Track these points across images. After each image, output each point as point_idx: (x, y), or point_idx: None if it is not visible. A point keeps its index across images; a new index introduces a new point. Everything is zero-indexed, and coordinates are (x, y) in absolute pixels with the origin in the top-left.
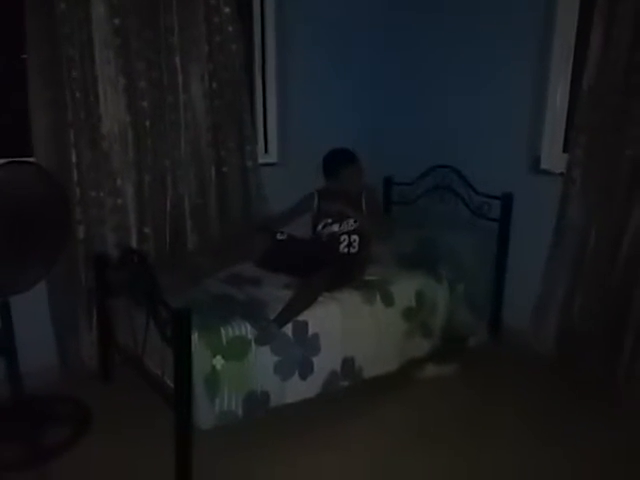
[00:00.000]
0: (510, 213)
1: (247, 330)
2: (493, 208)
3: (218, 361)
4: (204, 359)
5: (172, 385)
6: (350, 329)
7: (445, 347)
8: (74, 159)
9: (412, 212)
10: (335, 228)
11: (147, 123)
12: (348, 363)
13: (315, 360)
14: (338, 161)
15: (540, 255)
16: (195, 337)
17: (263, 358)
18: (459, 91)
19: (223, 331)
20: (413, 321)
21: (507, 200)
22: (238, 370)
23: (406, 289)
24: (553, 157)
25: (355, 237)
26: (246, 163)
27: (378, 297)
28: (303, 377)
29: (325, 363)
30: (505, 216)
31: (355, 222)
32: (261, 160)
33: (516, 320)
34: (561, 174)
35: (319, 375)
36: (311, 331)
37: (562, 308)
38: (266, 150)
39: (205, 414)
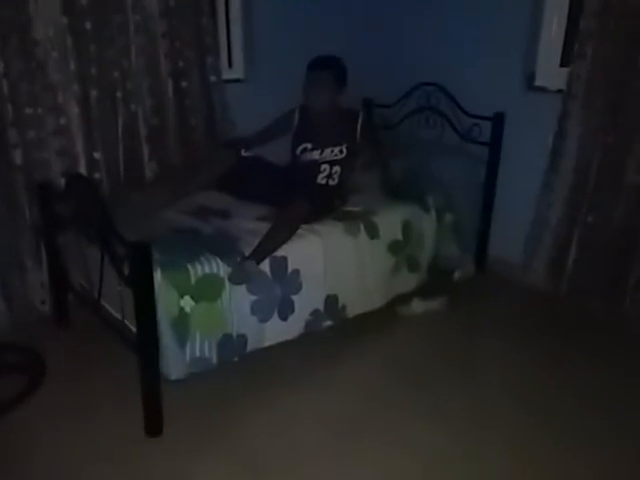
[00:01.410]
0: (502, 136)
1: (219, 267)
2: (483, 131)
3: (187, 302)
4: (170, 301)
5: (135, 330)
6: (333, 264)
7: (431, 281)
8: (1, 69)
9: (394, 137)
10: (315, 155)
11: (88, 26)
12: (331, 301)
13: (296, 299)
14: (327, 64)
15: (533, 181)
16: (158, 276)
17: (238, 298)
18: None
19: (191, 269)
20: (400, 254)
21: (499, 121)
22: (210, 312)
23: (392, 220)
24: (550, 72)
25: (337, 168)
26: (208, 77)
27: (362, 229)
28: (283, 317)
29: (307, 302)
30: (496, 139)
31: (341, 152)
32: (225, 76)
33: (503, 251)
34: (559, 91)
35: (300, 315)
36: (291, 267)
37: (557, 238)
38: (230, 64)
39: (174, 362)
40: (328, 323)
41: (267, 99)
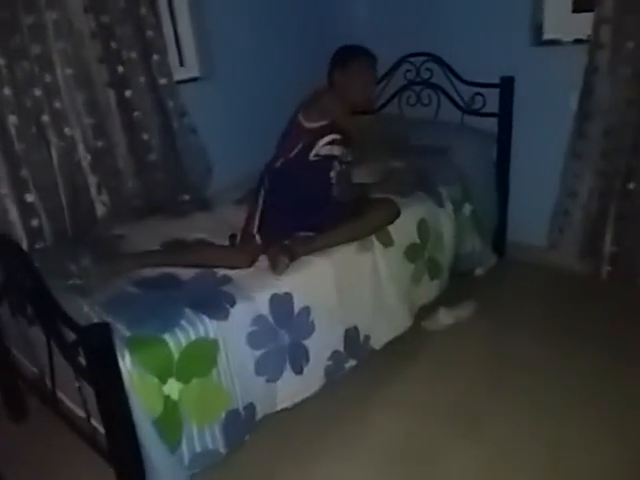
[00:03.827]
0: (512, 103)
1: (207, 327)
2: (488, 100)
3: (172, 387)
4: (149, 392)
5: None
6: (347, 289)
7: (453, 284)
8: None
9: (382, 120)
10: (336, 151)
11: None
12: (351, 335)
13: (309, 344)
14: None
15: (553, 151)
16: (127, 361)
17: (238, 358)
18: None
19: (170, 340)
20: (418, 260)
21: (507, 86)
22: (206, 390)
23: (405, 221)
24: (561, 21)
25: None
26: (157, 80)
27: (374, 238)
28: (297, 370)
29: (323, 344)
30: (506, 108)
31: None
32: (177, 76)
33: (523, 234)
34: (577, 41)
35: (318, 362)
36: (298, 306)
37: (589, 212)
38: (181, 62)
39: (167, 473)
40: (352, 364)
41: (231, 97)
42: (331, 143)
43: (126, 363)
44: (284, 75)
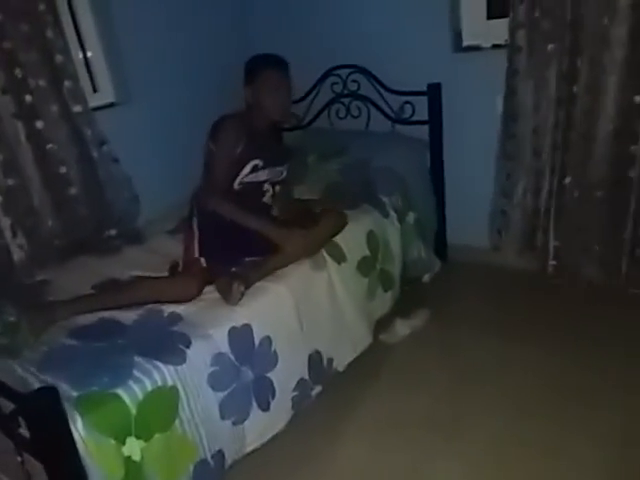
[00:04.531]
0: (440, 110)
1: (164, 374)
2: (418, 108)
3: (132, 447)
4: (107, 456)
5: None
6: (306, 312)
7: (404, 294)
8: None
9: (312, 135)
10: (262, 176)
11: None
12: (315, 360)
13: (273, 376)
14: (285, 62)
15: (486, 153)
16: (79, 425)
17: (201, 404)
18: None
19: (125, 394)
20: (371, 273)
21: (434, 93)
22: (170, 444)
23: (355, 234)
24: (478, 28)
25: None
26: (70, 108)
27: (326, 256)
28: (264, 407)
29: (288, 375)
30: (435, 114)
31: (284, 172)
32: (92, 103)
33: (464, 238)
34: (495, 46)
35: (284, 395)
36: (259, 337)
37: (526, 210)
38: (94, 88)
39: None
40: (318, 390)
41: (151, 120)
42: (254, 170)
43: (78, 428)
44: (206, 93)
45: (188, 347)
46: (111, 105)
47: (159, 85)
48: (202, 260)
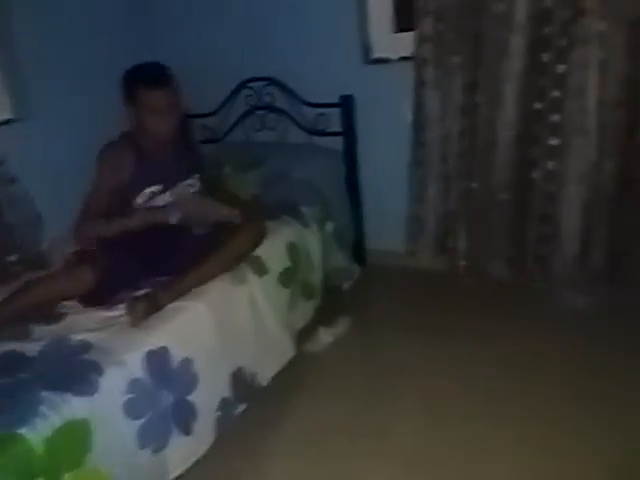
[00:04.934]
0: (353, 121)
1: (73, 406)
2: (333, 119)
3: None
4: None
5: None
6: (227, 329)
7: (325, 302)
8: None
9: (227, 148)
10: (167, 198)
11: None
12: (238, 377)
13: (195, 398)
14: (165, 75)
15: (397, 163)
16: None
17: (116, 434)
18: None
19: (30, 433)
20: (293, 284)
21: (347, 104)
22: None
23: (276, 246)
24: (385, 40)
25: None
26: None
27: (248, 269)
28: (186, 431)
29: (209, 395)
30: (348, 125)
31: (195, 185)
32: None
33: (382, 244)
34: (403, 58)
35: (206, 417)
36: (177, 359)
37: (438, 213)
38: None
39: None
40: (241, 408)
41: (54, 136)
42: (152, 196)
43: None
44: (110, 105)
45: (100, 375)
46: (7, 122)
47: (61, 99)
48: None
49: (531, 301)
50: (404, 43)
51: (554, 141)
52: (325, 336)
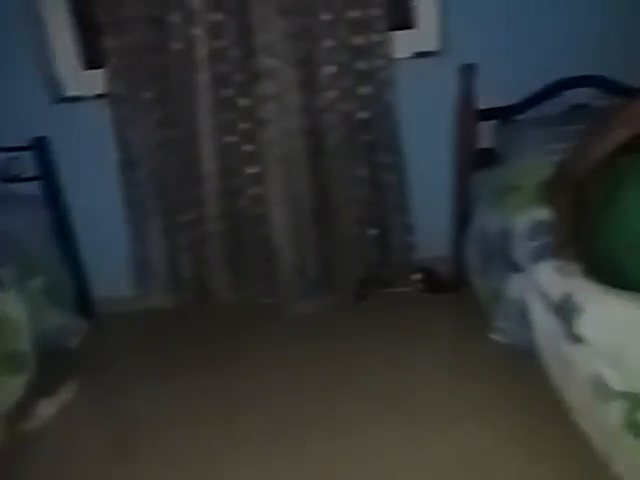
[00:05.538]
0: (51, 163)
1: None
2: (28, 165)
3: None
4: None
5: None
6: None
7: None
8: None
9: None
10: None
11: None
12: None
13: None
14: None
15: (108, 204)
16: None
17: None
18: None
19: None
20: None
21: (41, 147)
22: None
23: None
24: (77, 78)
25: None
26: None
27: None
28: None
29: None
30: (46, 168)
31: None
32: None
33: (111, 291)
34: (99, 96)
35: None
36: None
37: (160, 254)
38: None
39: None
40: None
41: None
42: None
43: None
44: None
45: None
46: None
47: None
48: None
49: (263, 317)
50: (97, 80)
51: (252, 169)
52: (46, 408)
